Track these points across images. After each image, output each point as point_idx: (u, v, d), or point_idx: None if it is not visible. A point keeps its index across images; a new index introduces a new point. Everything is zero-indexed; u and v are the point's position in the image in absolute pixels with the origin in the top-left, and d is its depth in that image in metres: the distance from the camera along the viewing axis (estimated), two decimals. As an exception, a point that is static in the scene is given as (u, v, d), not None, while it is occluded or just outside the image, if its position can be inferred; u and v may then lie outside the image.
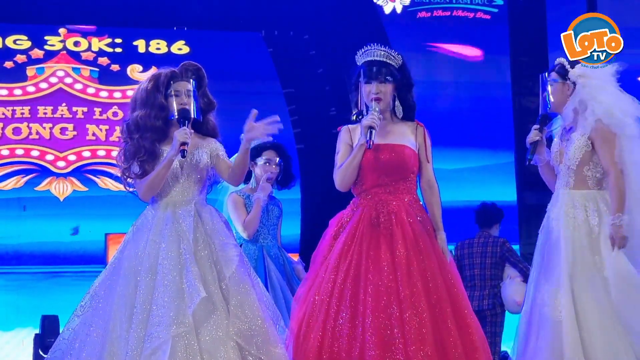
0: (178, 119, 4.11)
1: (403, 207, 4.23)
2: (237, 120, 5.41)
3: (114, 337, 3.93)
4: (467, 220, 8.94)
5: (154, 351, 3.82)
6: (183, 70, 4.23)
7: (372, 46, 4.38)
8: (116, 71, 9.12)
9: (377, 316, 4.00)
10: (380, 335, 3.97)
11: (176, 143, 4.03)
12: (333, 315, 4.07)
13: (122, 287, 4.00)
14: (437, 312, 4.05)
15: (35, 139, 8.92)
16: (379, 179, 4.27)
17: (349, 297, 4.08)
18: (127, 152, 4.16)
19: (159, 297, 3.91)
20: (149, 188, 4.10)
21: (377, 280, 4.07)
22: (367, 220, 4.22)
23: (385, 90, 4.30)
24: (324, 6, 9.26)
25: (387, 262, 4.11)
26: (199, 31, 9.36)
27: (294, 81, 9.39)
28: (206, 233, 4.09)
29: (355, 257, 4.15)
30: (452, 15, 9.60)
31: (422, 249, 4.16)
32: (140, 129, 4.14)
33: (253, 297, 4.02)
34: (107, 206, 8.74)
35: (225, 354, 3.88)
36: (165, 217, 4.10)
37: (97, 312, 4.04)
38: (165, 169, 4.07)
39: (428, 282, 4.10)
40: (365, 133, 4.19)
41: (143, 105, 4.16)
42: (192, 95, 4.17)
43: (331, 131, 4.50)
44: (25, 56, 9.01)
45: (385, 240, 4.16)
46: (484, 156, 9.40)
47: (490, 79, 9.64)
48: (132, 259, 4.05)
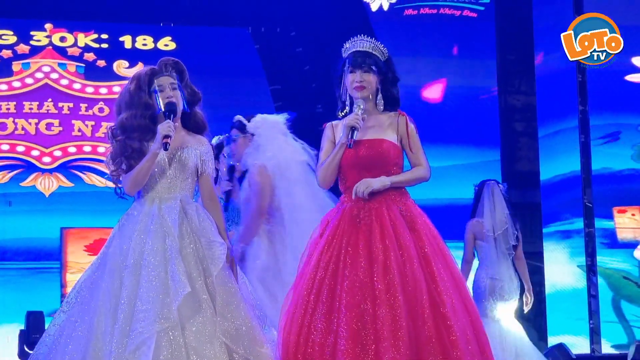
0: (164, 113, 4.11)
1: (384, 202, 4.23)
2: (223, 116, 5.44)
3: (99, 332, 3.93)
4: (451, 217, 8.97)
5: (139, 346, 3.81)
6: (162, 65, 4.23)
7: (358, 37, 4.38)
8: (102, 67, 9.10)
9: (350, 311, 4.01)
10: (352, 330, 3.98)
11: (159, 136, 4.03)
12: (311, 311, 4.08)
13: (107, 283, 4.00)
14: (413, 306, 4.05)
15: (21, 135, 8.89)
16: (360, 175, 4.26)
17: (326, 292, 4.08)
18: (115, 153, 4.17)
19: (143, 293, 3.90)
20: (134, 182, 4.11)
21: (352, 275, 4.07)
22: (348, 217, 4.22)
23: (369, 80, 4.28)
24: (311, 3, 9.27)
25: (364, 257, 4.10)
26: (185, 27, 9.35)
27: (280, 78, 9.39)
28: (192, 230, 4.09)
29: (335, 254, 4.15)
30: (438, 13, 9.62)
31: (401, 244, 4.15)
32: (126, 130, 4.14)
33: (238, 296, 4.03)
34: (94, 202, 8.73)
35: (212, 351, 3.88)
36: (150, 212, 4.11)
37: (82, 308, 4.03)
38: (149, 162, 4.08)
39: (405, 276, 4.08)
40: (347, 133, 4.19)
41: (128, 106, 4.16)
42: (178, 87, 4.17)
43: (318, 128, 4.49)
44: (10, 51, 8.98)
45: (364, 237, 4.16)
46: (470, 154, 9.42)
47: (477, 76, 9.66)
48: (118, 255, 4.05)
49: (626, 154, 9.08)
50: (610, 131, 9.04)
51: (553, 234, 9.26)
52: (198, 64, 8.98)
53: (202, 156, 4.21)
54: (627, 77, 9.05)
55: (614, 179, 9.06)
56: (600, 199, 8.97)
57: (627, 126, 9.10)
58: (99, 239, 8.49)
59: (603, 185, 8.99)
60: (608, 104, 9.01)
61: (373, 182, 4.20)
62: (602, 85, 8.91)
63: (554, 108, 9.34)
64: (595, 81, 8.91)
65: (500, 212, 6.84)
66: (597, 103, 8.98)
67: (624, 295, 8.95)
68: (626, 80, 9.04)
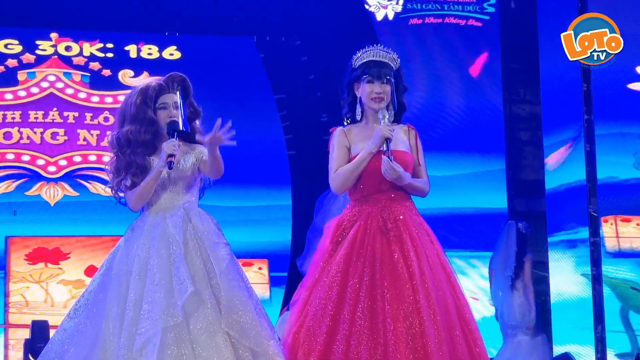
0: (168, 132, 4.21)
1: (407, 214, 4.25)
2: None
3: (107, 333, 4.00)
4: (457, 227, 8.97)
5: (145, 345, 3.88)
6: (169, 81, 4.32)
7: (373, 46, 4.40)
8: (107, 76, 9.11)
9: (398, 324, 3.99)
10: (403, 344, 3.96)
11: (164, 155, 4.13)
12: (348, 323, 4.04)
13: (114, 289, 4.08)
14: (447, 320, 4.06)
15: (26, 144, 8.90)
16: (379, 185, 4.27)
17: (366, 304, 4.05)
18: (119, 166, 4.26)
19: (148, 295, 3.98)
20: (139, 199, 4.21)
21: (394, 288, 4.05)
22: (375, 227, 4.21)
23: (386, 91, 4.31)
24: (316, 12, 9.28)
25: (402, 270, 4.10)
26: (190, 36, 9.36)
27: (285, 87, 9.40)
28: (196, 235, 4.16)
29: (368, 264, 4.13)
30: (443, 22, 9.62)
31: (429, 258, 4.17)
32: (131, 144, 4.24)
33: (244, 292, 4.08)
34: (98, 211, 8.73)
35: (216, 345, 3.93)
36: (155, 222, 4.19)
37: (90, 314, 4.10)
38: (154, 180, 4.18)
39: (438, 290, 4.10)
40: (381, 144, 4.19)
41: (132, 120, 4.26)
42: (181, 107, 4.26)
43: (322, 137, 4.50)
44: (16, 60, 9.00)
45: (397, 248, 4.15)
46: (475, 163, 9.41)
47: (482, 85, 9.66)
48: (124, 262, 4.13)
49: (629, 162, 9.07)
50: (613, 140, 9.01)
51: (558, 243, 9.24)
52: (203, 72, 9.01)
53: (197, 156, 4.29)
54: (630, 86, 9.03)
55: (619, 188, 9.04)
56: (605, 208, 8.95)
57: (630, 135, 9.08)
58: (38, 247, 8.56)
59: (608, 195, 8.97)
60: (611, 112, 9.00)
61: (403, 176, 4.22)
62: (606, 94, 8.90)
63: (559, 117, 9.32)
64: (598, 90, 8.89)
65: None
66: (601, 112, 8.96)
67: (632, 305, 8.93)
68: (629, 88, 9.03)
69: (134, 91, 4.34)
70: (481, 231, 9.12)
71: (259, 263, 8.87)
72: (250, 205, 9.00)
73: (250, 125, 8.98)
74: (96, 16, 9.01)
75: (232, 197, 8.75)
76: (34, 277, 8.56)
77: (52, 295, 8.56)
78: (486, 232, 9.02)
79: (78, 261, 8.61)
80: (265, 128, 9.21)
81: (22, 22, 8.96)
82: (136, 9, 9.04)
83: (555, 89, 9.33)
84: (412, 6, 9.52)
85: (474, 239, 9.13)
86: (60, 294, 8.56)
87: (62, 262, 8.63)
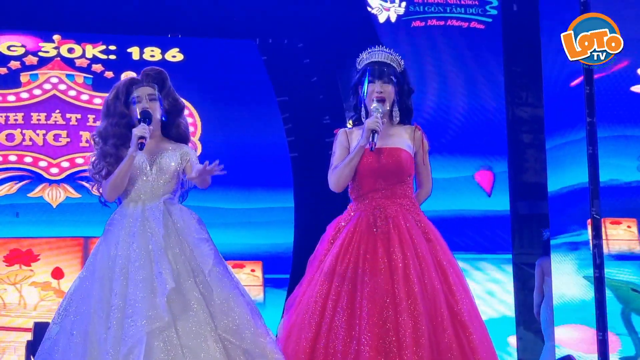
0: (139, 119, 4.24)
1: (400, 212, 4.24)
2: (231, 128, 5.49)
3: (94, 339, 3.96)
4: (459, 229, 8.96)
5: (130, 350, 3.83)
6: (143, 76, 4.41)
7: (376, 48, 4.41)
8: (110, 78, 9.11)
9: (372, 318, 4.01)
10: (375, 338, 3.98)
11: (134, 138, 4.16)
12: (329, 318, 4.08)
13: (98, 291, 4.05)
14: (433, 315, 4.05)
15: (29, 146, 8.90)
16: (376, 183, 4.28)
17: (346, 299, 4.09)
18: (96, 160, 4.34)
19: (131, 295, 3.95)
20: (113, 186, 4.22)
21: (373, 283, 4.08)
22: (364, 225, 4.23)
23: (388, 91, 4.32)
24: (318, 15, 9.28)
25: (384, 265, 4.12)
26: (193, 38, 9.36)
27: (287, 89, 9.39)
28: (177, 230, 4.14)
29: (352, 260, 4.16)
30: (446, 25, 9.62)
31: (419, 253, 4.16)
32: (103, 137, 4.32)
33: (237, 290, 4.08)
34: (100, 213, 8.72)
35: (207, 349, 3.90)
36: (134, 214, 4.19)
37: (75, 319, 4.06)
38: (127, 164, 4.19)
39: (425, 286, 4.10)
40: (368, 136, 4.20)
41: (105, 115, 4.37)
42: (157, 98, 4.31)
43: (325, 140, 4.51)
44: (19, 62, 9.01)
45: (382, 244, 4.17)
46: (477, 165, 9.40)
47: (484, 88, 9.66)
48: (105, 261, 4.11)
49: (632, 165, 9.06)
50: (616, 142, 9.01)
51: (560, 245, 9.24)
52: (205, 75, 9.01)
53: (182, 156, 4.30)
54: (633, 88, 9.03)
55: (622, 190, 9.03)
56: (608, 210, 8.94)
57: (633, 138, 9.08)
58: (14, 249, 8.54)
59: (611, 197, 8.96)
60: (614, 115, 8.99)
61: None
62: (608, 97, 8.90)
63: (561, 120, 9.32)
64: (601, 93, 8.89)
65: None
66: (603, 114, 8.96)
67: (634, 308, 8.91)
68: (632, 91, 9.02)
69: (111, 89, 4.44)
70: (484, 234, 9.12)
71: (252, 265, 8.84)
72: (252, 208, 8.99)
73: (252, 128, 8.98)
74: (99, 18, 9.01)
75: (234, 199, 8.75)
76: (10, 278, 8.54)
77: (25, 297, 8.53)
78: (489, 235, 9.01)
79: (46, 264, 8.55)
80: (267, 130, 9.20)
81: (25, 24, 8.97)
82: (139, 12, 9.04)
83: (558, 92, 9.33)
84: (414, 9, 9.52)
85: (477, 242, 9.13)
86: (31, 296, 8.52)
87: (33, 263, 8.60)
